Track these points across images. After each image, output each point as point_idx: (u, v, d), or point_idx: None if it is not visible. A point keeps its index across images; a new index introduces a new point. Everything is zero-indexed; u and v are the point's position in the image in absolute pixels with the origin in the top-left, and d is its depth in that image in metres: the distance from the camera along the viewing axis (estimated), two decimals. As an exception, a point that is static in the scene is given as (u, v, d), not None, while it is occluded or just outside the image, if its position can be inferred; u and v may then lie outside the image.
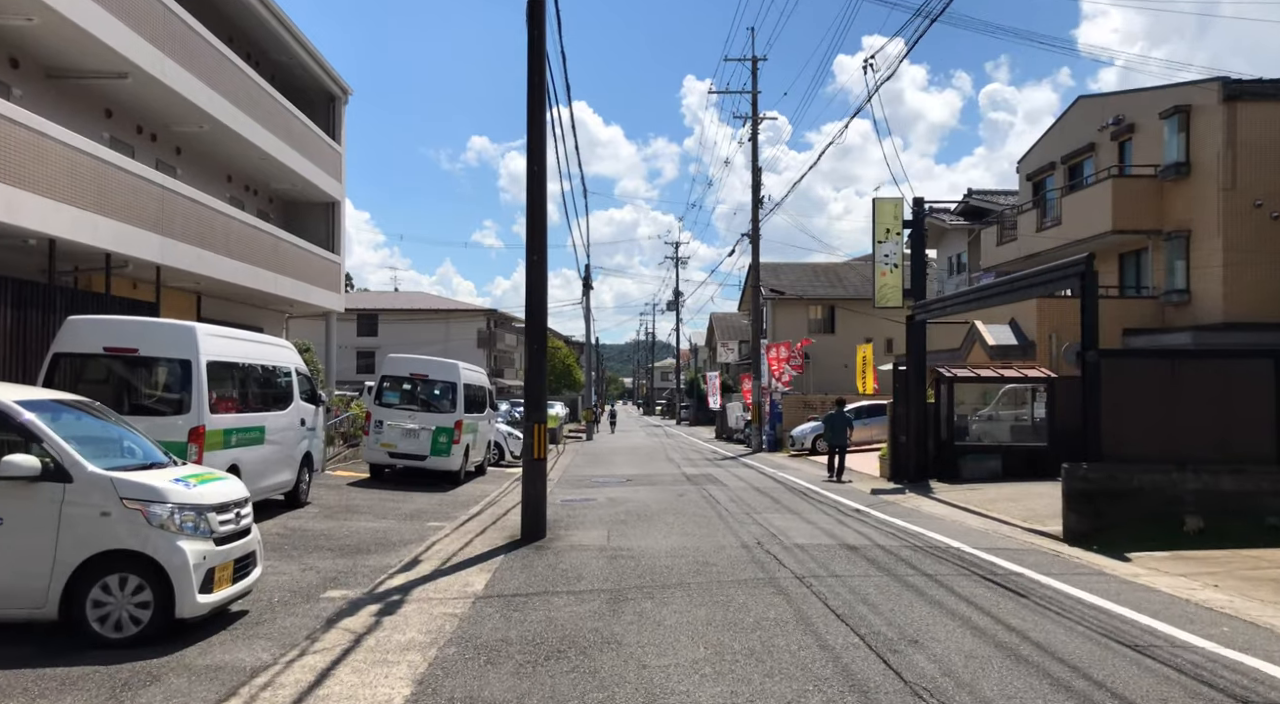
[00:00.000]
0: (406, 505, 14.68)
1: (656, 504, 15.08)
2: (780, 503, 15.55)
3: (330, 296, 24.70)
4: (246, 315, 22.87)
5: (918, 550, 10.53)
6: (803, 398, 34.45)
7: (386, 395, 18.14)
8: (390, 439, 17.68)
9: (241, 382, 11.61)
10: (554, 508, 14.34)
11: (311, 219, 25.48)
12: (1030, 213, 29.62)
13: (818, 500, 16.08)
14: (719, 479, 20.30)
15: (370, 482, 17.83)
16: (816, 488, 18.46)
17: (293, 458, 13.10)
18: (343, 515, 13.15)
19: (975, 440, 20.28)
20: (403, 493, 16.36)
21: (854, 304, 45.41)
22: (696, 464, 25.73)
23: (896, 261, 20.49)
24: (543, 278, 11.50)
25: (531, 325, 11.49)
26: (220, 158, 20.52)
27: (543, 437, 11.42)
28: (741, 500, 15.81)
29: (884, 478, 20.71)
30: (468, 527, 12.49)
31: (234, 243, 18.48)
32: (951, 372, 20.20)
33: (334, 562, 9.67)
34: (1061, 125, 29.15)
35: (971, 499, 16.15)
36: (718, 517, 13.50)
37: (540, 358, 11.50)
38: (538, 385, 11.51)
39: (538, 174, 11.36)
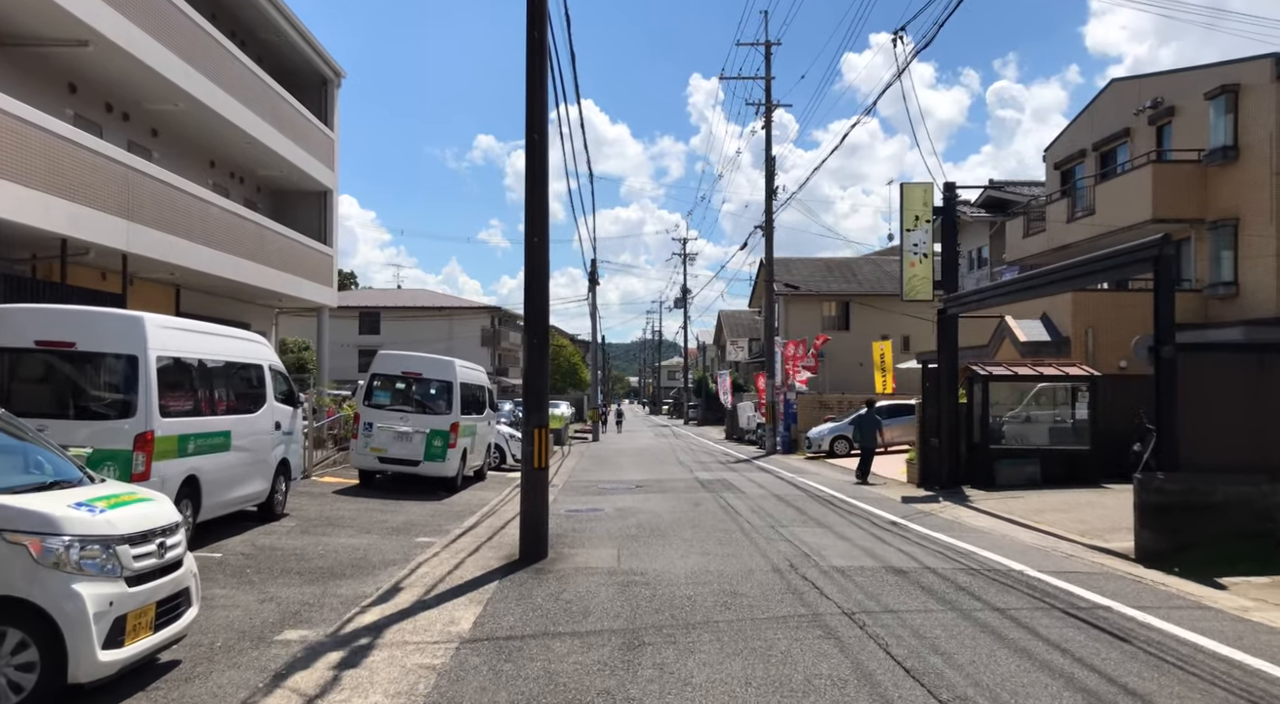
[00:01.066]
0: (395, 517, 13.31)
1: (670, 515, 13.70)
2: (806, 514, 14.16)
3: (322, 291, 23.36)
4: (231, 310, 21.53)
5: (976, 575, 9.13)
6: (819, 397, 33.04)
7: (377, 395, 16.78)
8: (380, 443, 16.33)
9: (202, 380, 10.24)
10: (558, 519, 12.97)
11: (302, 209, 24.14)
12: (1060, 203, 28.17)
13: (847, 511, 14.67)
14: (735, 485, 18.91)
15: (358, 489, 16.46)
16: (842, 495, 17.07)
17: (266, 466, 11.74)
18: (321, 530, 11.78)
19: (1011, 443, 18.85)
20: (393, 502, 15.00)
21: (869, 300, 43.99)
22: (709, 468, 24.34)
23: (927, 251, 19.09)
24: (543, 262, 10.12)
25: (531, 316, 10.12)
26: (201, 141, 19.18)
27: (544, 442, 10.04)
28: (763, 511, 14.42)
29: (913, 483, 19.31)
30: (461, 543, 11.12)
31: (213, 231, 17.14)
32: (986, 369, 18.77)
33: (300, 590, 8.31)
34: (1092, 111, 27.68)
35: (1015, 509, 14.76)
36: (740, 531, 12.11)
37: (541, 353, 10.12)
38: (539, 384, 10.14)
39: (538, 143, 9.98)
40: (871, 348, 43.67)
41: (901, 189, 19.31)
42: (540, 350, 10.10)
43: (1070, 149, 28.71)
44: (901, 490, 18.22)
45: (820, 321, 43.82)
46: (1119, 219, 23.73)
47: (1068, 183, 29.03)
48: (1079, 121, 28.68)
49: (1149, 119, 24.39)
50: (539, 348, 10.08)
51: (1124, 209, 23.45)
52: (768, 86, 31.90)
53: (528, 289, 10.11)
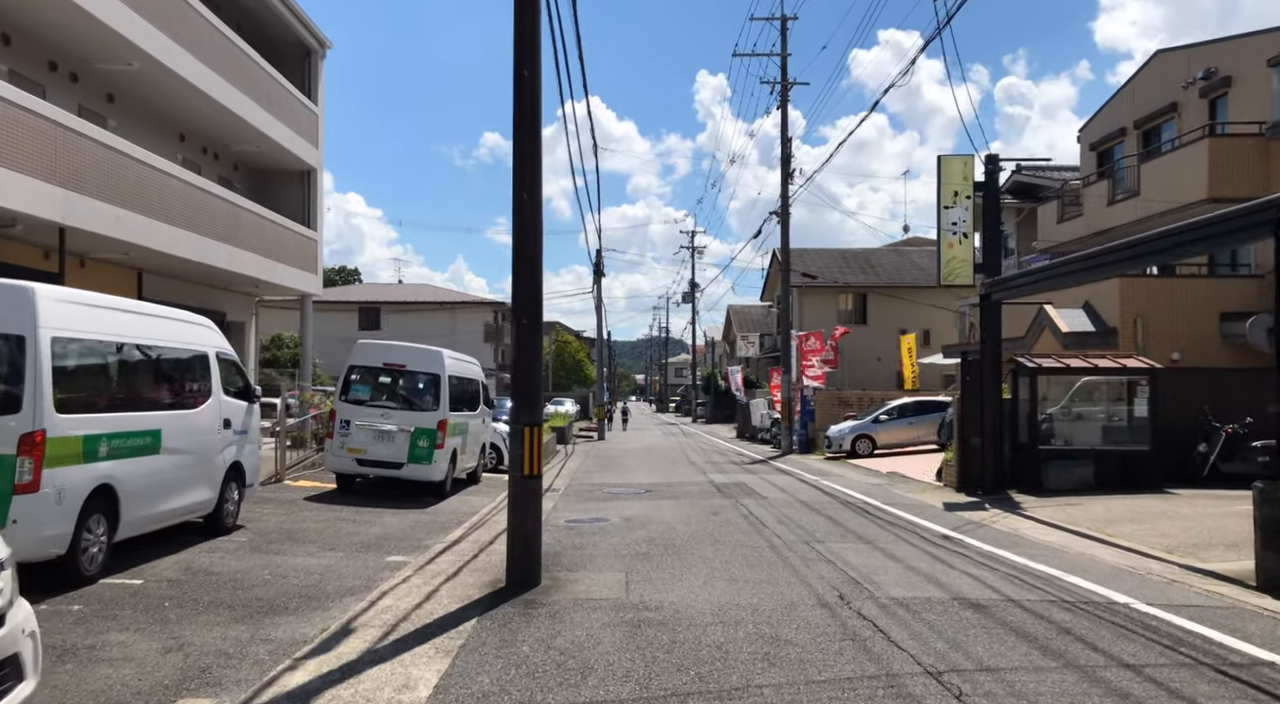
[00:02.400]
0: (368, 529, 11.54)
1: (686, 527, 11.90)
2: (842, 525, 12.35)
3: (305, 277, 21.60)
4: (204, 298, 19.78)
5: (1073, 610, 7.31)
6: (838, 394, 31.21)
7: (355, 389, 15.00)
8: (359, 443, 14.56)
9: (122, 369, 8.48)
10: (556, 532, 11.20)
11: (285, 190, 22.39)
12: (1098, 185, 26.28)
13: (887, 521, 12.86)
14: (754, 489, 17.10)
15: (334, 495, 14.70)
16: (876, 501, 15.25)
17: (211, 471, 9.97)
18: (277, 546, 10.01)
19: (1059, 443, 17.00)
20: (370, 510, 13.23)
21: (887, 292, 42.16)
22: (723, 469, 22.54)
23: (967, 230, 17.29)
24: (535, 224, 8.33)
25: (521, 292, 8.33)
26: (167, 110, 17.43)
27: (538, 445, 8.25)
28: (792, 521, 12.61)
29: (950, 487, 17.49)
30: (439, 563, 9.34)
31: (174, 207, 15.38)
32: (1034, 361, 16.94)
33: (224, 632, 6.53)
34: (1134, 86, 25.80)
35: (1077, 519, 12.94)
36: (769, 547, 10.31)
37: (533, 337, 8.34)
38: (531, 374, 8.36)
39: (529, 80, 8.18)
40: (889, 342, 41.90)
41: (939, 162, 17.47)
42: (532, 334, 8.31)
43: (1108, 128, 26.83)
44: (940, 495, 16.40)
45: (836, 314, 41.99)
46: (1168, 200, 21.85)
47: (1105, 164, 27.16)
48: (1118, 99, 26.79)
49: (1200, 91, 22.52)
50: (530, 331, 8.29)
51: (1174, 188, 21.56)
52: (783, 63, 30.09)
53: (517, 259, 8.33)
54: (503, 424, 21.83)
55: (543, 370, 29.87)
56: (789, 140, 29.97)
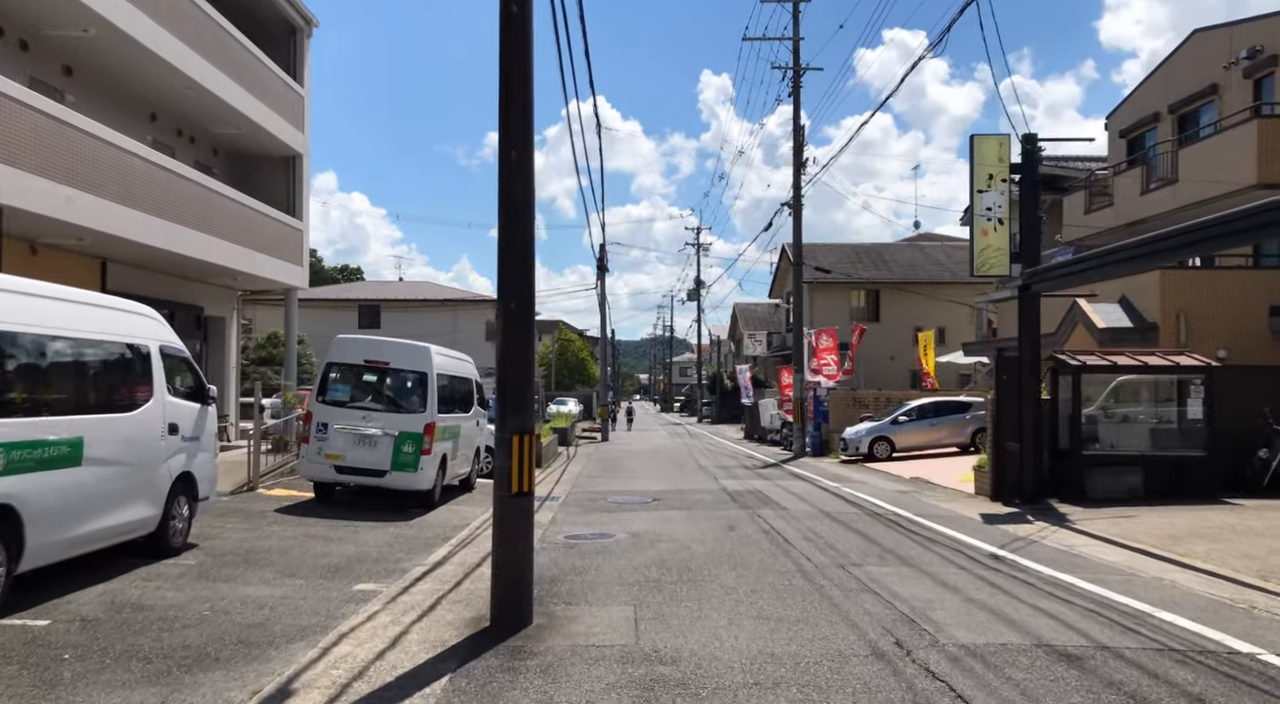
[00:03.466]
0: (340, 547, 10.16)
1: (702, 546, 10.51)
2: (877, 542, 10.94)
3: (289, 270, 20.22)
4: (178, 290, 18.44)
5: (1189, 662, 5.91)
6: (853, 394, 29.79)
7: (333, 389, 13.62)
8: (337, 448, 13.18)
9: (27, 365, 7.09)
10: (554, 551, 9.83)
11: (269, 176, 21.01)
12: (1129, 173, 24.85)
13: (925, 537, 11.46)
14: (772, 498, 15.70)
15: (310, 506, 13.34)
16: (906, 512, 13.85)
17: (153, 483, 8.59)
18: (229, 571, 8.64)
19: (1103, 447, 15.58)
20: (347, 524, 11.86)
21: (901, 289, 40.76)
22: (734, 474, 21.14)
23: (1002, 215, 15.86)
24: (526, 189, 6.94)
25: (510, 271, 6.94)
26: (133, 86, 16.05)
27: (529, 457, 6.87)
28: (819, 537, 11.22)
29: (983, 495, 16.10)
30: (415, 592, 7.95)
31: (138, 189, 14.02)
32: (1078, 359, 15.52)
33: (125, 696, 5.16)
34: (1168, 69, 24.36)
35: (1134, 533, 11.56)
36: (800, 572, 8.91)
37: (522, 326, 6.95)
38: (520, 371, 6.97)
39: (518, 16, 6.79)
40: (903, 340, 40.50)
41: (972, 143, 16.04)
42: (522, 321, 6.92)
43: (1139, 114, 25.39)
44: (974, 505, 15.01)
45: (849, 312, 40.60)
46: (1211, 186, 20.43)
47: (1136, 152, 25.73)
48: (1150, 83, 25.34)
49: (1244, 71, 21.07)
50: (519, 317, 6.90)
51: (1218, 174, 20.12)
52: (795, 47, 28.66)
53: (504, 230, 6.94)
54: (499, 426, 20.45)
55: (538, 367, 28.49)
56: (801, 128, 28.57)
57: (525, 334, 6.94)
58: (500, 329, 6.96)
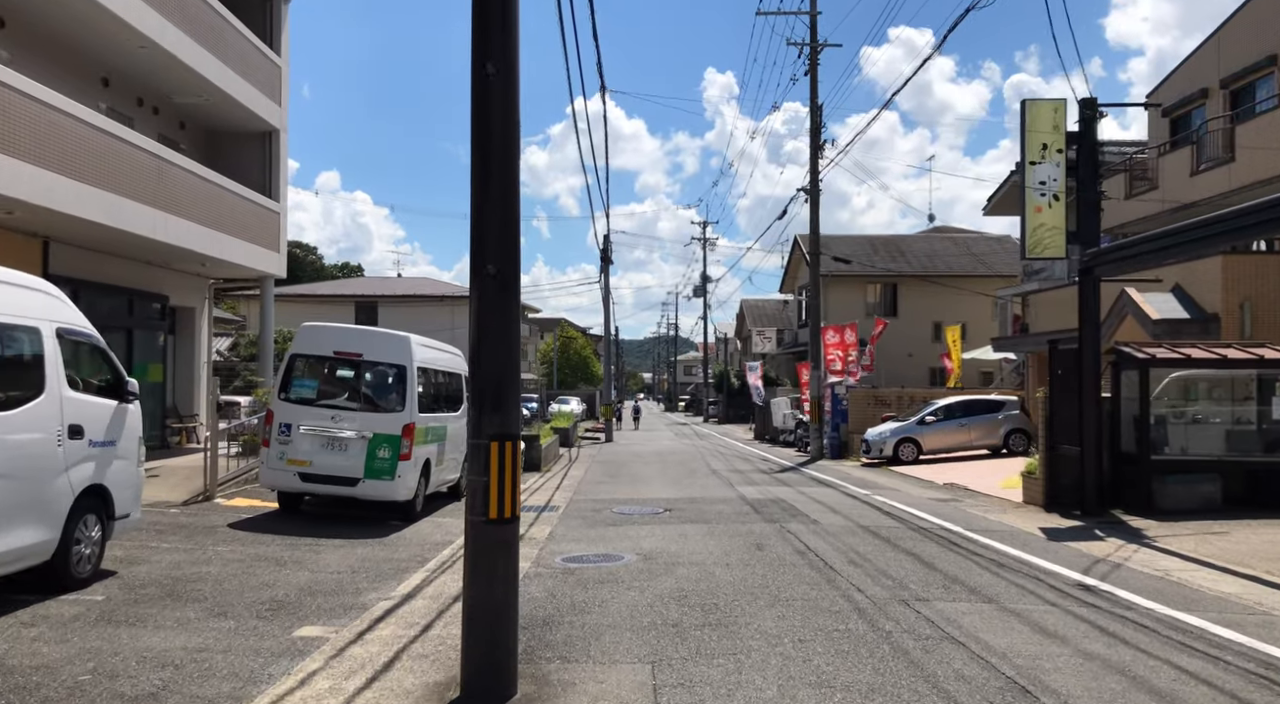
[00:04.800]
0: (293, 575, 8.41)
1: (727, 571, 8.75)
2: (934, 566, 9.18)
3: (264, 256, 18.47)
4: (138, 276, 16.73)
5: None
6: (873, 392, 27.99)
7: (298, 385, 11.87)
8: (303, 453, 11.44)
9: None
10: (550, 579, 8.09)
11: (243, 154, 19.30)
12: (1176, 154, 23.09)
13: (990, 559, 9.69)
14: (798, 508, 13.94)
15: (272, 519, 11.60)
16: (954, 525, 12.08)
17: (44, 500, 6.85)
18: (143, 609, 6.90)
19: (1175, 451, 13.81)
20: (308, 541, 10.12)
21: (920, 282, 38.98)
22: (751, 479, 19.37)
23: (1058, 190, 14.11)
24: (508, 118, 5.20)
25: (486, 225, 5.20)
26: (78, 42, 14.30)
27: (512, 471, 5.13)
28: (864, 559, 9.45)
29: (1034, 505, 14.36)
30: (370, 642, 6.20)
31: (76, 156, 12.29)
32: (1146, 352, 13.74)
33: None
34: (1218, 42, 22.55)
35: (1236, 555, 9.84)
36: (854, 610, 7.15)
37: (506, 298, 5.20)
38: (500, 358, 5.22)
39: (496, -125, 5.03)
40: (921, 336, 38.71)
41: (1024, 109, 14.24)
42: (503, 292, 5.17)
43: (1186, 91, 23.57)
44: (1028, 517, 13.25)
45: (864, 306, 38.84)
46: (1272, 164, 18.69)
47: (1181, 131, 23.94)
48: (1197, 57, 23.54)
49: (1309, 39, 19.31)
50: (501, 286, 5.16)
51: (1281, 151, 18.38)
52: (813, 21, 26.87)
53: (479, 173, 5.20)
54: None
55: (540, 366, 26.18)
56: (819, 107, 26.78)
57: (508, 306, 5.19)
58: (475, 301, 5.21)
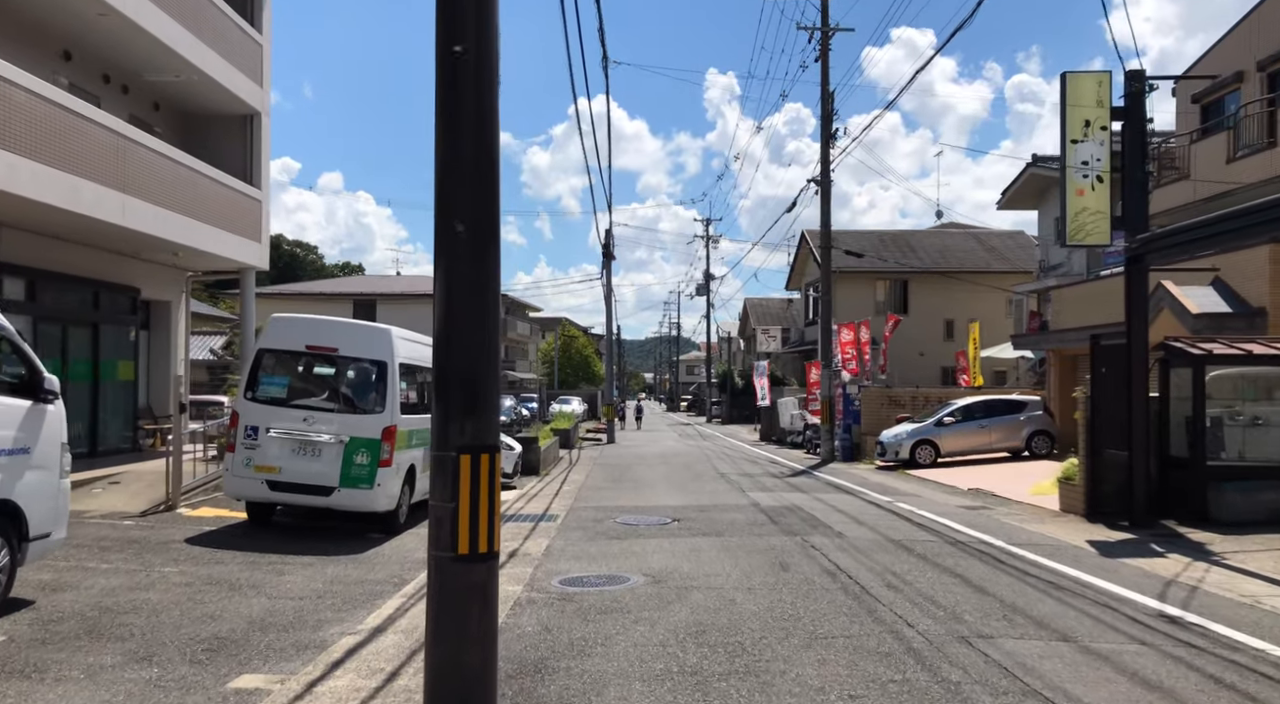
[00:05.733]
0: (244, 603, 7.24)
1: (750, 599, 7.56)
2: (985, 590, 8.00)
3: (244, 246, 17.29)
4: (106, 267, 15.58)
5: None
6: (887, 392, 26.80)
7: (266, 384, 10.68)
8: (271, 458, 10.26)
9: None
10: (544, 610, 6.92)
11: (223, 139, 18.14)
12: (1209, 141, 21.90)
13: (1043, 580, 8.50)
14: (818, 518, 12.75)
15: (236, 532, 10.44)
16: (993, 538, 10.90)
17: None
18: (50, 652, 5.72)
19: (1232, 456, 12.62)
20: (273, 559, 8.95)
21: (931, 278, 37.80)
22: (762, 484, 18.19)
23: (1102, 171, 12.93)
24: (483, 26, 4.00)
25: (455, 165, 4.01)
26: (34, 9, 13.13)
27: (488, 495, 3.96)
28: (905, 582, 8.27)
29: (1075, 514, 13.20)
30: (319, 698, 5.03)
31: (23, 129, 11.12)
32: (1201, 347, 12.55)
33: None
34: (1254, 22, 21.38)
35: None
36: (910, 653, 5.96)
37: (481, 266, 4.03)
38: (475, 344, 4.05)
39: None
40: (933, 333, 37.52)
41: (1064, 82, 13.05)
42: (477, 258, 4.00)
43: (1222, 73, 22.38)
44: (1071, 528, 12.07)
45: (874, 304, 37.64)
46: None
47: (1213, 118, 22.77)
48: (1230, 40, 22.38)
49: (1358, 16, 18.13)
50: (475, 249, 3.98)
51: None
52: (824, 6, 25.68)
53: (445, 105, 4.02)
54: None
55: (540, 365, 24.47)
56: (830, 94, 25.60)
57: (483, 276, 4.02)
58: (441, 269, 4.04)
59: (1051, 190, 31.46)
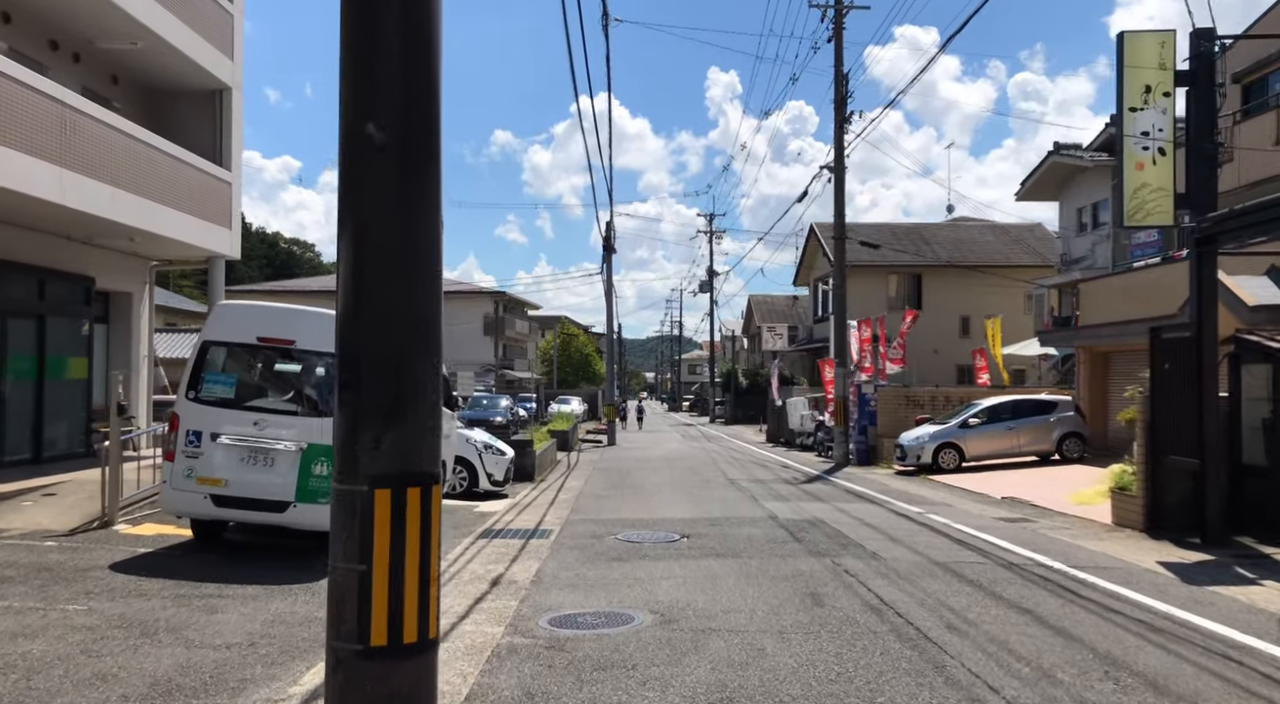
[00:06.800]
0: (155, 656, 5.78)
1: (784, 648, 6.11)
2: (1068, 633, 6.55)
3: (211, 232, 15.85)
4: (55, 254, 14.16)
5: None
6: (905, 392, 25.35)
7: (211, 382, 9.21)
8: (217, 469, 8.81)
9: None
10: (525, 664, 5.47)
11: (190, 115, 16.71)
12: (1255, 121, 20.46)
13: (1132, 618, 7.05)
14: (845, 533, 11.30)
15: (177, 554, 8.99)
16: (1049, 559, 9.46)
17: None
18: None
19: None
20: (209, 591, 7.50)
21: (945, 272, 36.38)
22: (776, 491, 16.74)
23: (1164, 143, 11.49)
24: None
25: (368, 38, 2.53)
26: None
27: (421, 552, 2.47)
28: (970, 623, 6.82)
29: (1128, 527, 11.77)
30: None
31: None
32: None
33: None
34: (1301, -6, 19.94)
35: None
36: (1005, 737, 4.52)
37: (417, 191, 2.55)
38: (402, 313, 2.56)
39: None
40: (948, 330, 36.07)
41: (1120, 43, 11.61)
42: (406, 183, 2.51)
43: (1264, 51, 20.94)
44: (1132, 545, 10.64)
45: (886, 299, 36.21)
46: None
47: (1254, 98, 21.33)
48: (1271, 17, 20.92)
49: None
50: (402, 176, 2.51)
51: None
52: (838, -20, 24.23)
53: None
54: (479, 432, 16.15)
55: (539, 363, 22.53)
56: (844, 76, 24.15)
57: (414, 210, 2.57)
58: (348, 199, 2.58)
59: (1074, 179, 30.05)
